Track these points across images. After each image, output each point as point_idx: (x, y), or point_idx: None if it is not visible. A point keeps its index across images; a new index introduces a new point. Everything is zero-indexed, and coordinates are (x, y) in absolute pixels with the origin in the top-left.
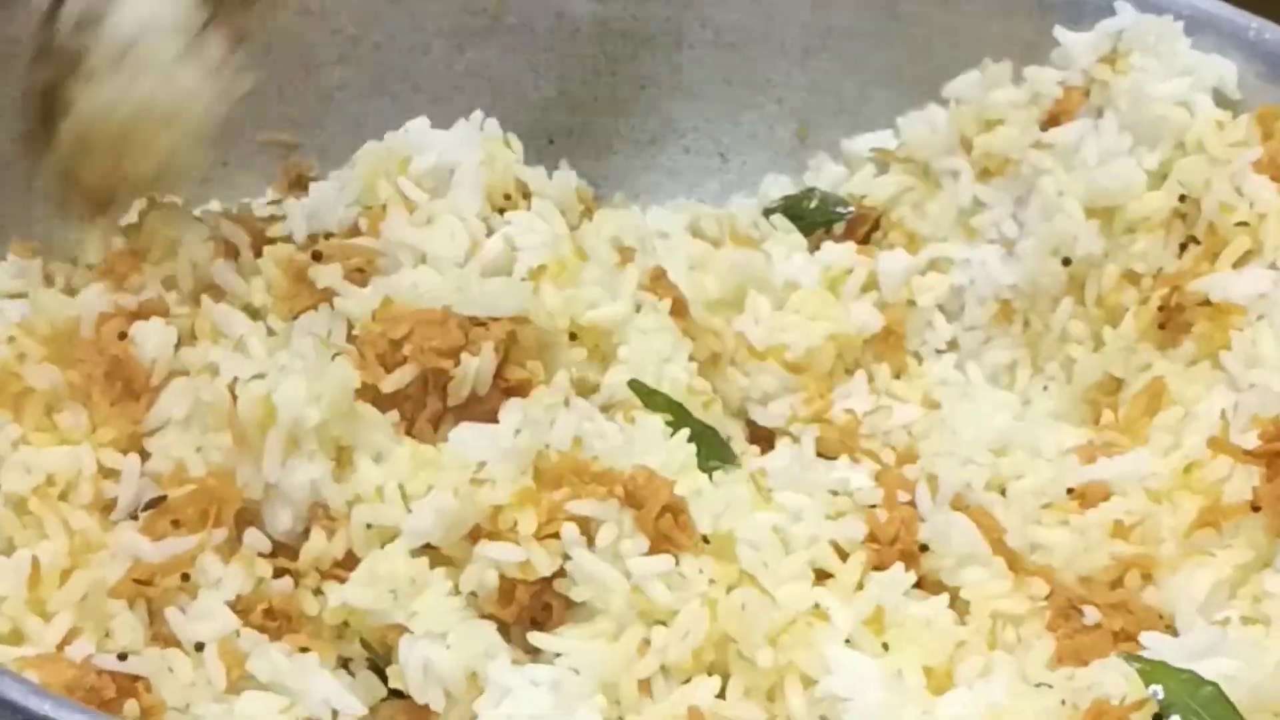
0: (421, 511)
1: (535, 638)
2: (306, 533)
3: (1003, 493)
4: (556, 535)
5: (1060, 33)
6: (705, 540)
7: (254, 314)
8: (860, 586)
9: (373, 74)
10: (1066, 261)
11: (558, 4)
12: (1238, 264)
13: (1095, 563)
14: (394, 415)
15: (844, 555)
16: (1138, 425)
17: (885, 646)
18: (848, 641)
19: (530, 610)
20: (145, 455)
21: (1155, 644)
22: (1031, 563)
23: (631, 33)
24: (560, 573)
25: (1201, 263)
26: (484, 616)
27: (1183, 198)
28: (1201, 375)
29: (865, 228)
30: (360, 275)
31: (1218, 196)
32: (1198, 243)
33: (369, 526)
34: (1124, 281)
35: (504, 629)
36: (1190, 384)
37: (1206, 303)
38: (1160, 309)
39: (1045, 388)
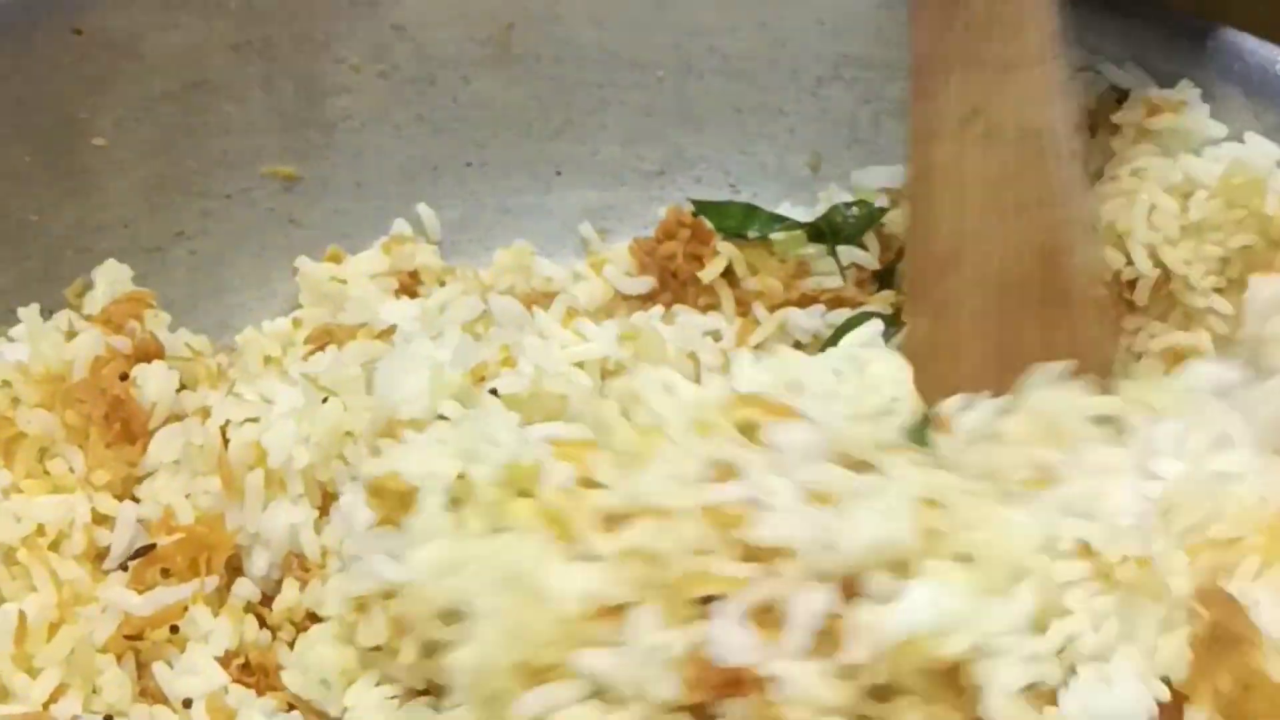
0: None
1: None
2: (280, 583)
3: None
4: None
5: None
6: None
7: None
8: None
9: (377, 105)
10: None
11: (564, 33)
12: None
13: None
14: None
15: None
16: None
17: None
18: None
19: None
20: (139, 501)
21: None
22: None
23: (639, 61)
24: None
25: None
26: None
27: None
28: None
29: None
30: None
31: None
32: None
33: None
34: None
35: None
36: None
37: None
38: None
39: None
